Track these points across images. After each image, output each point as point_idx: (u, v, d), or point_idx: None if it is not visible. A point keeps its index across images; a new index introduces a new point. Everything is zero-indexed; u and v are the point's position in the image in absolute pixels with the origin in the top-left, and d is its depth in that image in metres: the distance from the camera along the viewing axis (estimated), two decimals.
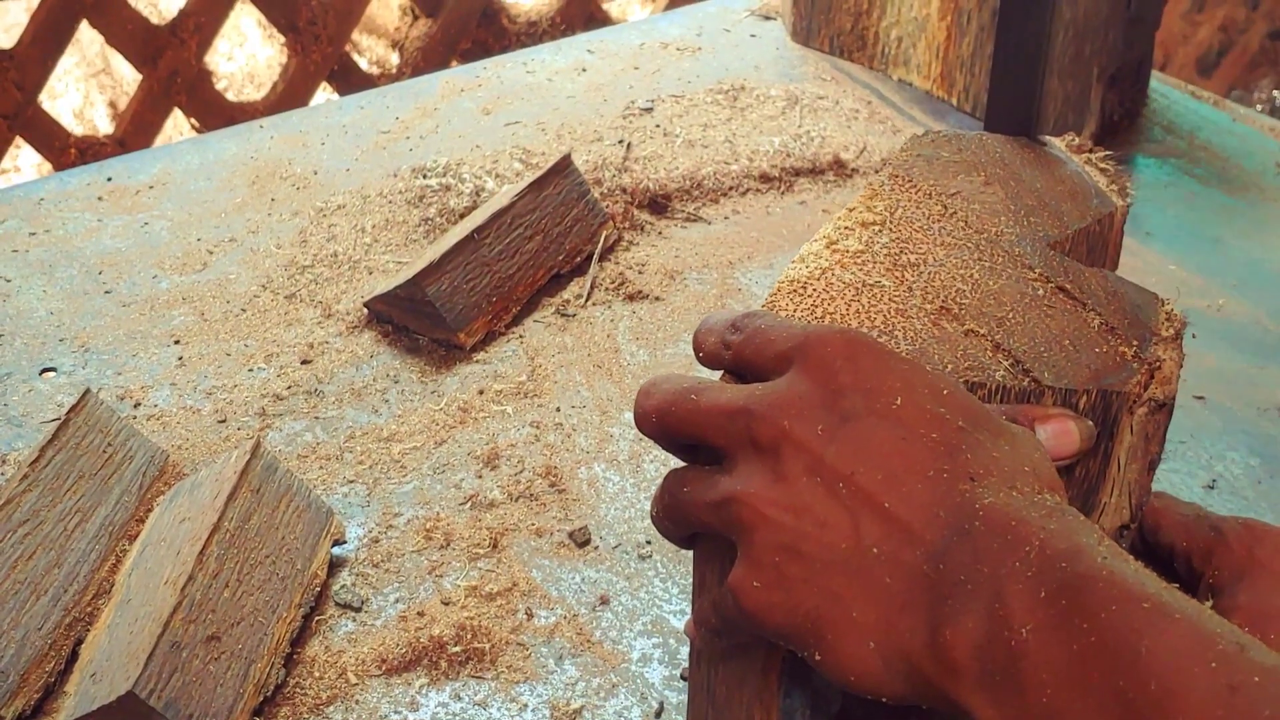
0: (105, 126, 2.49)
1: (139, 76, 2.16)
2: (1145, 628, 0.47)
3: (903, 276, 0.68)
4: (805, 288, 0.67)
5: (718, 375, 0.64)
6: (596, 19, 2.48)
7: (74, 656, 0.85)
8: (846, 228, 0.71)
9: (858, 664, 0.54)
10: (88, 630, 0.86)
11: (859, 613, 0.54)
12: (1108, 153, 0.81)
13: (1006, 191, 0.75)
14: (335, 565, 0.94)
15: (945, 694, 0.51)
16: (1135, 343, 0.64)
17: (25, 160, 2.40)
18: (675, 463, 1.04)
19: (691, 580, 0.66)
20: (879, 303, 0.66)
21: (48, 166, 2.16)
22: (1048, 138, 0.82)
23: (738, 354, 0.62)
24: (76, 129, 2.32)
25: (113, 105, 2.46)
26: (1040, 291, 0.67)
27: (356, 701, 0.84)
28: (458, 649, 0.87)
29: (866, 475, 0.55)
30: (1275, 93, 2.95)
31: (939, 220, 0.72)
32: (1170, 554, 0.66)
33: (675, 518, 0.62)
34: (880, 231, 0.71)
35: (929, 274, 0.68)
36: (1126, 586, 0.48)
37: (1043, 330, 0.64)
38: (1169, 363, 0.63)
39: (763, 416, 0.57)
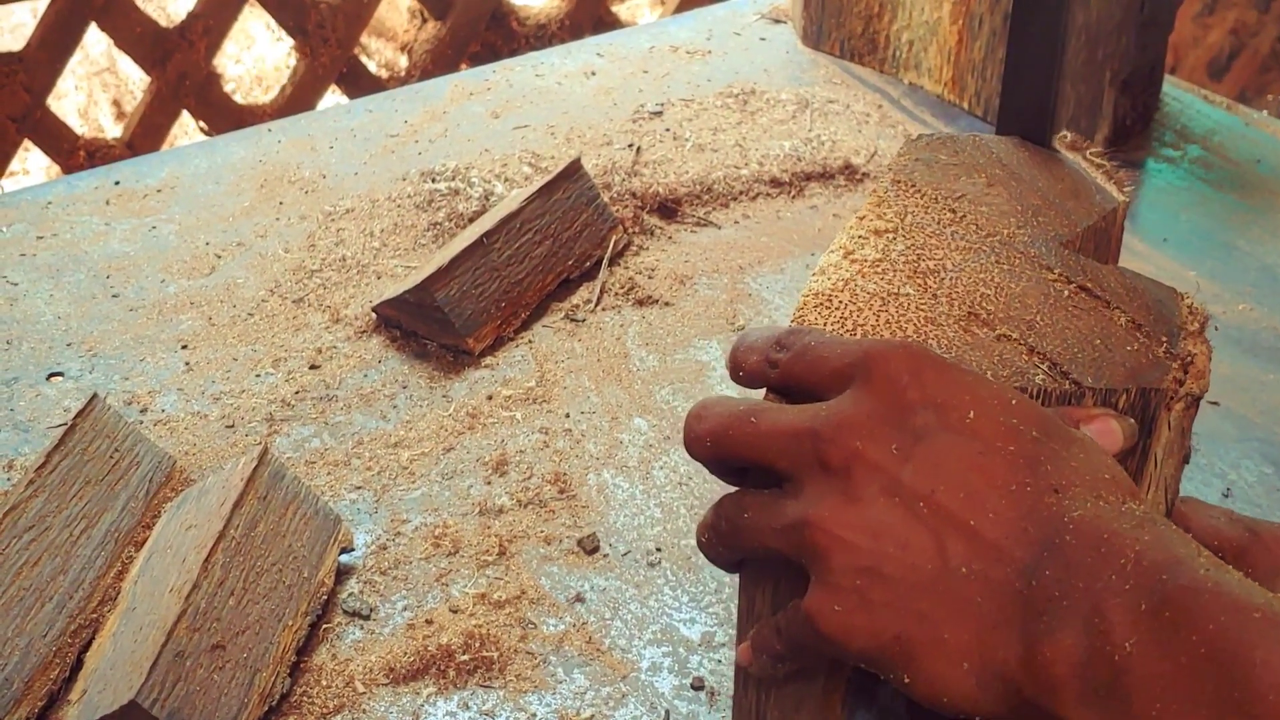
0: (110, 125, 2.49)
1: (146, 77, 2.16)
2: (1258, 639, 0.46)
3: (925, 283, 0.67)
4: (830, 300, 0.66)
5: (751, 394, 0.63)
6: (606, 22, 2.48)
7: (79, 664, 0.84)
8: (860, 236, 0.70)
9: (951, 685, 0.53)
10: (93, 638, 0.85)
11: (950, 634, 0.53)
12: (1099, 149, 0.81)
13: (1010, 192, 0.74)
14: (343, 573, 0.93)
15: (1046, 712, 0.51)
16: (1165, 339, 0.63)
17: (34, 163, 2.40)
18: (686, 472, 1.03)
19: (737, 603, 0.65)
20: (907, 312, 0.65)
21: (56, 169, 2.16)
22: None
23: (787, 372, 0.61)
24: (81, 128, 2.31)
25: (116, 104, 2.46)
26: (1063, 292, 0.66)
27: (364, 711, 0.84)
28: (466, 657, 0.87)
29: (948, 493, 0.54)
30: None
31: (950, 224, 0.71)
32: None
33: (732, 544, 0.60)
34: (894, 239, 0.70)
35: (950, 279, 0.67)
36: (1234, 597, 0.47)
37: (1072, 331, 0.64)
38: (1201, 356, 0.63)
39: (831, 438, 0.56)
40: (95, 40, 2.26)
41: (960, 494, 0.54)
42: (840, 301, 0.66)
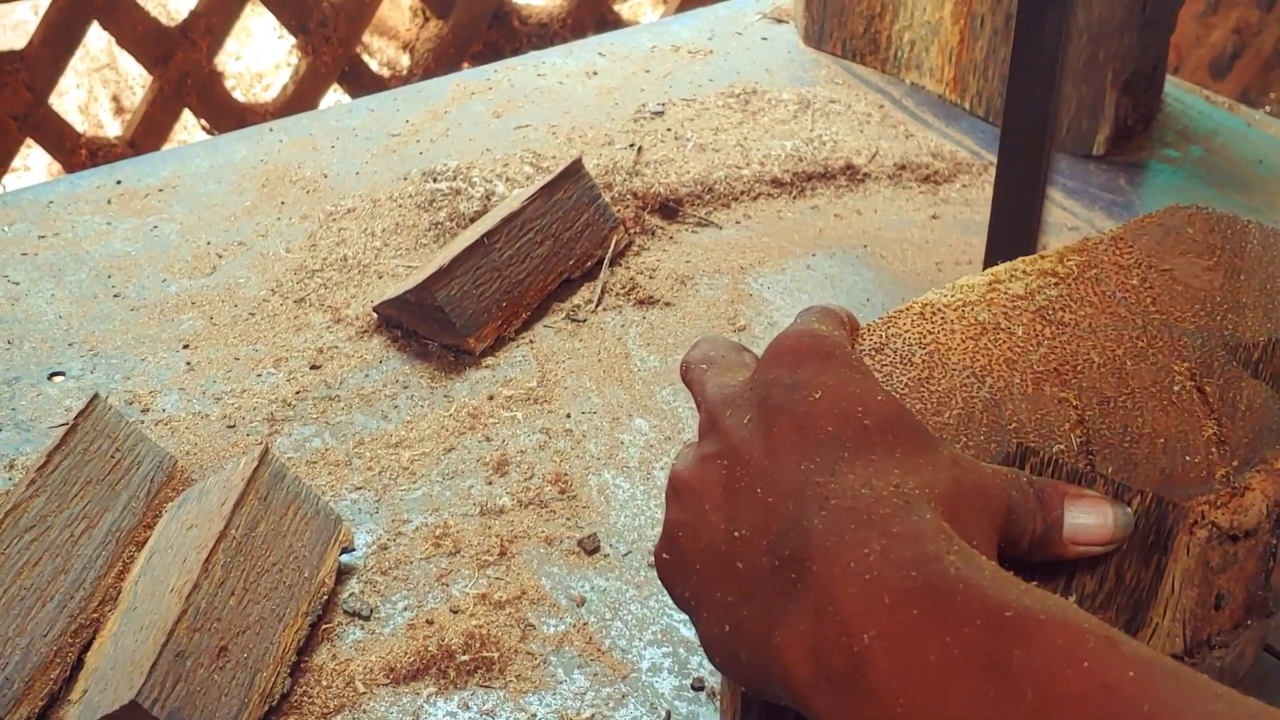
0: (110, 121, 2.49)
1: (146, 75, 2.16)
2: (1013, 638, 0.45)
3: (1041, 331, 0.64)
4: (935, 314, 0.64)
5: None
6: (608, 21, 2.48)
7: (79, 664, 0.84)
8: (1022, 270, 0.68)
9: (717, 645, 0.55)
10: (94, 638, 0.85)
11: (720, 594, 0.55)
12: None
13: (1226, 281, 0.68)
14: (343, 573, 0.93)
15: (787, 694, 0.51)
16: (1236, 463, 0.58)
17: (35, 161, 2.40)
18: None
19: None
20: (996, 347, 0.63)
21: (58, 168, 2.16)
22: None
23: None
24: (82, 125, 2.31)
25: (116, 100, 2.46)
26: (1175, 387, 0.62)
27: (364, 711, 0.84)
28: (466, 658, 0.87)
29: (756, 462, 0.56)
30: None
31: (1126, 291, 0.67)
32: None
33: None
34: (1056, 284, 0.67)
35: (1069, 336, 0.64)
36: (985, 597, 0.47)
37: (1144, 422, 0.60)
38: (1256, 494, 0.57)
39: (710, 404, 0.60)
40: (96, 38, 2.26)
41: (765, 462, 0.55)
42: (942, 317, 0.64)
